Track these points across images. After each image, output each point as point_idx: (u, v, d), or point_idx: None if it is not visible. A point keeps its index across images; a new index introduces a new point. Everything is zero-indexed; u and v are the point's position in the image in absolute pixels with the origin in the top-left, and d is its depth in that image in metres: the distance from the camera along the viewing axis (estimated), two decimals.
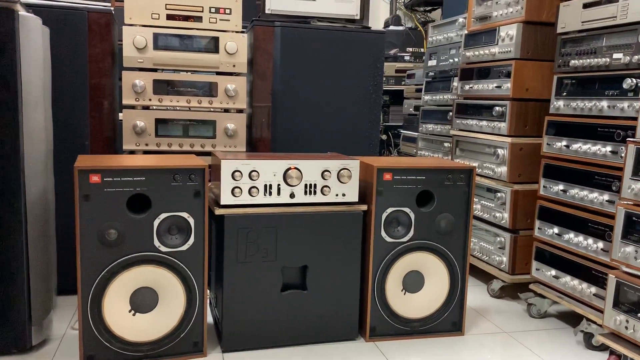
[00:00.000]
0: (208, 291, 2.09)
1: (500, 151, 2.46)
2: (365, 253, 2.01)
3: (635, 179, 1.72)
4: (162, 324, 1.80)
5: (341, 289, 1.99)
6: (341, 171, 1.96)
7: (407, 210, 2.01)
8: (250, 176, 1.87)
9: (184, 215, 1.78)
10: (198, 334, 1.85)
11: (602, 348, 2.00)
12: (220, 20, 2.36)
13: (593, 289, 2.01)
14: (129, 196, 1.72)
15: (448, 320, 2.11)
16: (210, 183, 2.03)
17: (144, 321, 1.79)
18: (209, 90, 2.37)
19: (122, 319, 1.76)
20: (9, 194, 1.74)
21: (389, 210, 1.99)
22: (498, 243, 2.49)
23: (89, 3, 2.30)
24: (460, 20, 3.07)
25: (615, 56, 1.94)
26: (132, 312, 1.77)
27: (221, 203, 1.86)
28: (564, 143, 2.15)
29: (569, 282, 2.11)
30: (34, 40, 1.76)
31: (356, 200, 2.00)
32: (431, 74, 3.38)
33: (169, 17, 2.31)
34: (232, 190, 1.86)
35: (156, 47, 2.30)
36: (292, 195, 1.93)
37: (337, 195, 1.97)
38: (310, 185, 1.94)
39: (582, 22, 2.07)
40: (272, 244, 1.90)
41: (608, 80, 1.98)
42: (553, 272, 2.21)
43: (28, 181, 1.77)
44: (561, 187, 2.17)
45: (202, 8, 2.34)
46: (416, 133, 3.59)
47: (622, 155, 1.88)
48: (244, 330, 1.90)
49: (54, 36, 2.09)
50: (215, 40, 2.35)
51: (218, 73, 2.40)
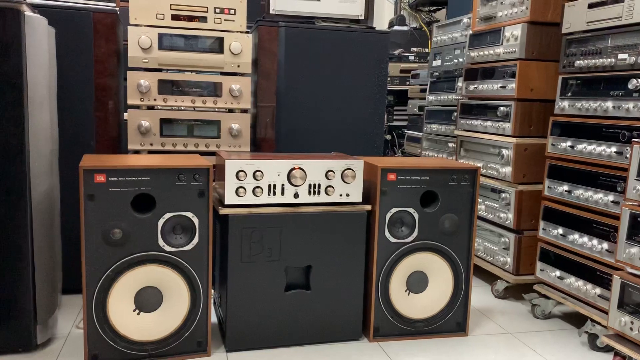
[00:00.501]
0: (212, 291, 2.09)
1: (504, 151, 2.46)
2: (369, 253, 2.01)
3: None
4: (166, 324, 1.81)
5: (345, 289, 2.00)
6: (345, 171, 1.96)
7: (411, 210, 2.01)
8: (254, 176, 1.87)
9: (189, 214, 1.79)
10: (202, 334, 1.86)
11: (607, 349, 2.00)
12: (224, 20, 2.36)
13: (598, 290, 2.00)
14: (134, 196, 1.73)
15: (452, 320, 2.11)
16: (214, 183, 2.04)
17: (149, 320, 1.79)
18: (214, 90, 2.38)
19: (127, 318, 1.77)
20: (15, 193, 1.75)
21: (393, 210, 1.99)
22: (502, 243, 2.49)
23: (94, 3, 2.31)
24: (464, 20, 3.07)
25: (620, 56, 1.93)
26: (137, 312, 1.78)
27: (225, 203, 1.86)
28: (569, 143, 2.15)
29: (574, 283, 2.11)
30: (40, 40, 1.77)
31: (360, 200, 2.00)
32: (436, 74, 3.38)
33: (174, 18, 2.32)
34: (237, 190, 1.86)
35: (161, 47, 2.30)
36: (296, 195, 1.93)
37: (341, 195, 1.97)
38: (314, 185, 1.94)
39: (588, 23, 2.07)
40: (276, 244, 1.90)
41: (613, 80, 1.97)
42: (557, 273, 2.20)
43: (33, 180, 1.78)
44: (566, 188, 2.16)
45: (207, 8, 2.34)
46: (420, 133, 3.59)
47: (627, 156, 1.87)
48: (248, 329, 1.91)
49: (60, 36, 2.10)
50: (219, 40, 2.36)
51: (222, 73, 2.40)
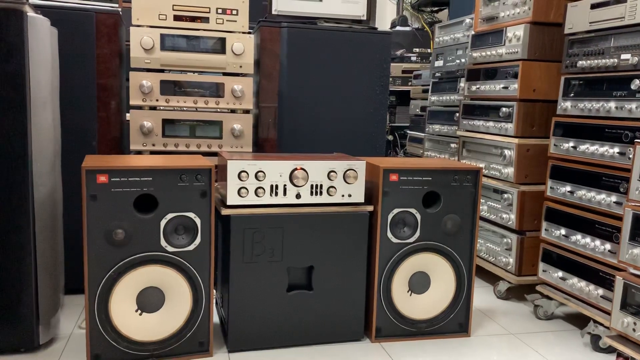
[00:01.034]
0: (214, 291, 2.09)
1: (507, 152, 2.45)
2: (371, 254, 2.01)
3: None
4: (169, 324, 1.81)
5: (347, 290, 1.99)
6: (347, 172, 1.96)
7: (413, 211, 2.01)
8: (256, 176, 1.87)
9: (191, 215, 1.79)
10: (204, 334, 1.86)
11: (610, 350, 1.99)
12: (227, 21, 2.37)
13: (600, 291, 2.00)
14: (136, 196, 1.73)
15: (454, 321, 2.11)
16: (216, 183, 2.04)
17: (151, 321, 1.79)
18: (216, 90, 2.38)
19: (129, 319, 1.77)
20: (17, 194, 1.75)
21: (395, 211, 1.99)
22: (505, 244, 2.48)
23: (97, 4, 2.32)
24: (467, 20, 3.07)
25: (623, 57, 1.93)
26: (139, 312, 1.78)
27: (227, 203, 1.86)
28: (572, 144, 2.14)
29: (576, 284, 2.10)
30: (43, 41, 1.77)
31: (362, 201, 2.00)
32: (438, 75, 3.37)
33: (176, 18, 2.32)
34: (239, 190, 1.86)
35: (163, 48, 2.31)
36: (298, 195, 1.93)
37: (343, 195, 1.97)
38: (316, 185, 1.94)
39: (590, 23, 2.06)
40: (278, 245, 1.90)
41: (616, 81, 1.97)
42: (560, 274, 2.20)
43: (36, 181, 1.78)
44: (568, 189, 2.16)
45: (209, 9, 2.34)
46: (422, 134, 3.58)
47: (630, 156, 1.87)
48: (250, 330, 1.91)
49: (62, 37, 2.10)
50: (222, 41, 2.36)
51: (225, 74, 2.41)
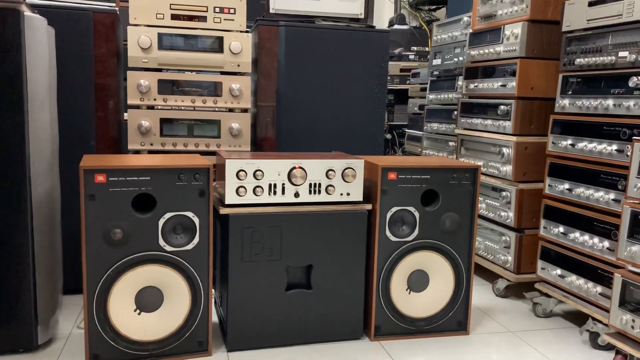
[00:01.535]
0: (213, 290, 2.09)
1: (505, 150, 2.45)
2: (369, 252, 2.01)
3: None
4: (167, 323, 1.81)
5: (346, 288, 1.99)
6: (346, 170, 1.96)
7: (412, 209, 2.01)
8: (254, 175, 1.87)
9: (189, 214, 1.79)
10: (203, 333, 1.86)
11: (608, 347, 2.00)
12: (224, 20, 2.36)
13: (599, 288, 2.00)
14: (134, 196, 1.73)
15: (453, 319, 2.11)
16: (215, 182, 2.04)
17: (149, 320, 1.79)
18: (214, 89, 2.37)
19: (128, 318, 1.76)
20: (15, 194, 1.75)
21: (394, 209, 1.99)
22: (503, 242, 2.49)
23: (94, 3, 2.31)
24: (465, 19, 3.07)
25: (621, 54, 1.93)
26: (138, 311, 1.78)
27: (226, 202, 1.86)
28: (570, 142, 2.15)
29: (575, 282, 2.11)
30: (40, 40, 1.77)
31: (361, 199, 2.00)
32: (436, 73, 3.37)
33: (174, 17, 2.32)
34: (237, 189, 1.86)
35: (161, 47, 2.30)
36: (297, 194, 1.93)
37: (342, 194, 1.97)
38: (314, 184, 1.94)
39: (588, 21, 2.06)
40: (277, 244, 1.90)
41: (614, 78, 1.97)
42: (558, 271, 2.20)
43: (34, 181, 1.78)
44: (567, 186, 2.16)
45: (207, 8, 2.34)
46: (421, 132, 3.58)
47: (628, 153, 1.87)
48: (249, 329, 1.91)
49: (60, 36, 2.10)
50: (219, 40, 2.35)
51: (222, 73, 2.40)
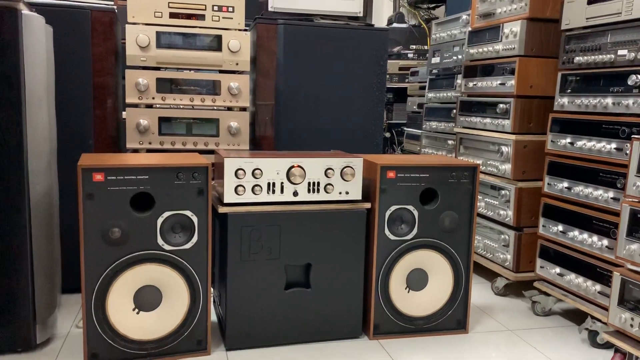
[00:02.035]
0: (212, 289, 2.09)
1: (504, 148, 2.45)
2: (368, 251, 2.01)
3: None
4: (166, 322, 1.81)
5: (345, 287, 1.99)
6: (345, 169, 1.96)
7: (411, 208, 2.00)
8: (253, 174, 1.87)
9: (188, 213, 1.78)
10: (202, 332, 1.85)
11: (607, 346, 2.00)
12: (223, 18, 2.36)
13: (598, 287, 2.00)
14: (133, 195, 1.73)
15: (452, 318, 2.11)
16: (213, 181, 2.03)
17: (148, 319, 1.79)
18: (212, 88, 2.37)
19: (126, 317, 1.76)
20: (13, 193, 1.74)
21: (393, 208, 1.98)
22: (502, 241, 2.48)
23: (92, 2, 2.30)
24: (463, 17, 3.06)
25: (620, 52, 1.93)
26: (136, 311, 1.77)
27: (224, 201, 1.86)
28: (569, 140, 2.14)
29: (574, 280, 2.11)
30: (38, 39, 1.76)
31: (360, 198, 2.00)
32: (435, 72, 3.37)
33: (172, 16, 2.31)
34: (236, 188, 1.86)
35: (159, 46, 2.30)
36: (296, 193, 1.92)
37: (341, 193, 1.97)
38: (313, 183, 1.94)
39: (587, 19, 2.06)
40: (276, 242, 1.90)
41: (613, 76, 1.97)
42: (557, 270, 2.20)
43: (32, 180, 1.77)
44: (566, 185, 2.16)
45: (205, 6, 2.33)
46: (420, 131, 3.58)
47: (627, 152, 1.87)
48: (248, 328, 1.91)
49: (58, 35, 2.09)
50: (218, 38, 2.35)
51: (221, 71, 2.40)
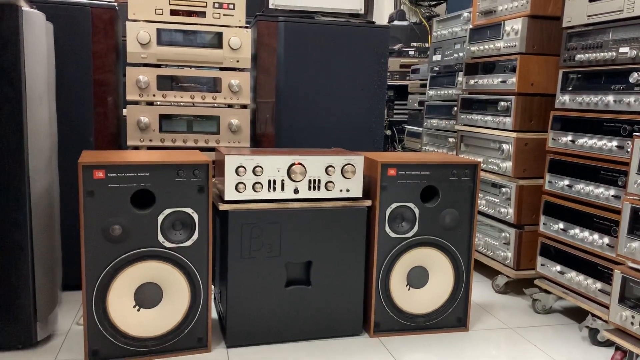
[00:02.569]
0: (212, 286, 2.09)
1: (505, 146, 2.45)
2: (369, 249, 2.01)
3: None
4: (167, 320, 1.81)
5: (345, 285, 1.99)
6: (345, 167, 1.96)
7: (412, 205, 2.00)
8: (254, 172, 1.87)
9: (188, 210, 1.78)
10: (202, 330, 1.85)
11: (608, 344, 2.00)
12: (223, 15, 2.35)
13: (598, 285, 2.00)
14: (133, 192, 1.72)
15: (453, 315, 2.11)
16: (214, 179, 2.03)
17: (149, 316, 1.79)
18: (213, 85, 2.37)
19: (127, 315, 1.76)
20: (14, 190, 1.74)
21: (393, 205, 1.98)
22: (503, 238, 2.48)
23: None
24: (465, 14, 3.06)
25: (621, 50, 1.92)
26: (137, 308, 1.77)
27: (225, 198, 1.86)
28: (570, 138, 2.14)
29: (575, 278, 2.11)
30: (38, 36, 1.76)
31: (360, 195, 2.00)
32: (436, 69, 3.37)
33: (173, 13, 2.31)
34: (236, 185, 1.86)
35: (160, 43, 2.29)
36: (296, 190, 1.92)
37: (341, 190, 1.97)
38: (314, 180, 1.94)
39: (588, 16, 2.06)
40: (276, 240, 1.90)
41: (614, 74, 1.97)
42: (558, 268, 2.20)
43: (32, 177, 1.77)
44: (567, 182, 2.15)
45: (206, 3, 2.33)
46: (420, 128, 3.58)
47: (629, 150, 1.87)
48: (249, 325, 1.91)
49: (58, 32, 2.09)
50: (218, 35, 2.34)
51: (222, 68, 2.39)
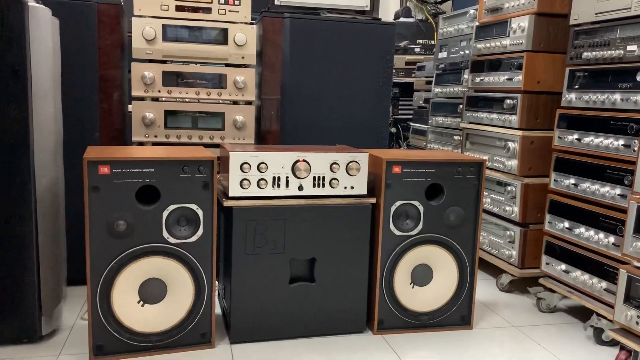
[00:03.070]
0: (216, 283, 2.09)
1: (510, 144, 2.44)
2: (373, 246, 2.01)
3: None
4: (171, 315, 1.81)
5: (349, 282, 1.99)
6: (350, 164, 1.95)
7: (416, 203, 2.00)
8: (258, 168, 1.87)
9: (193, 207, 1.78)
10: (206, 325, 1.86)
11: (613, 343, 1.99)
12: (229, 11, 2.35)
13: (604, 284, 1.99)
14: (138, 187, 1.73)
15: (457, 314, 2.10)
16: (218, 175, 2.03)
17: (153, 312, 1.79)
18: (218, 82, 2.37)
19: (131, 310, 1.77)
20: (19, 185, 1.75)
21: (398, 203, 1.98)
22: (508, 237, 2.48)
23: None
24: (471, 11, 3.04)
25: (629, 48, 1.91)
26: (141, 303, 1.78)
27: (230, 195, 1.86)
28: (576, 136, 2.13)
29: (579, 277, 2.10)
30: (44, 31, 1.76)
31: (365, 193, 1.99)
32: (441, 66, 3.36)
33: (178, 9, 2.31)
34: (241, 182, 1.86)
35: (165, 39, 2.29)
36: (301, 187, 1.92)
37: (346, 188, 1.97)
38: (318, 177, 1.94)
39: (596, 14, 2.04)
40: (281, 236, 1.90)
41: (621, 72, 1.95)
42: (563, 267, 2.19)
43: (38, 172, 1.78)
44: (572, 181, 2.14)
45: None
46: (426, 126, 3.57)
47: (635, 148, 1.86)
48: (252, 321, 1.91)
49: (64, 28, 2.09)
50: (224, 31, 2.34)
51: (227, 65, 2.39)
